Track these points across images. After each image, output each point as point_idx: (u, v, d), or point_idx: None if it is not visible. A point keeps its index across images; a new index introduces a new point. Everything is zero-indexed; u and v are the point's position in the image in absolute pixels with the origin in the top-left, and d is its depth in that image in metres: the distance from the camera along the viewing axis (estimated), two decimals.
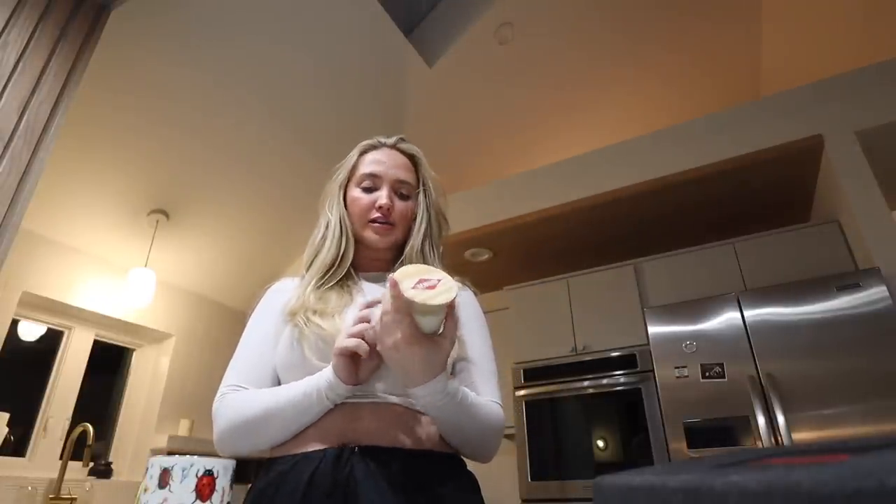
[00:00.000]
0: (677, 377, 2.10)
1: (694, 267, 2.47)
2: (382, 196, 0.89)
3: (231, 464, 0.51)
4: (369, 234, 0.89)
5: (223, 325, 3.24)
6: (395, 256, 0.92)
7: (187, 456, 0.49)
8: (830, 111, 2.25)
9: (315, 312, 0.80)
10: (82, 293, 2.55)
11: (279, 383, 0.80)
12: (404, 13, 2.73)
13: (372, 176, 0.91)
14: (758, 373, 1.96)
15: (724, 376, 2.02)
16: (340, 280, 0.88)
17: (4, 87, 1.50)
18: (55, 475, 2.25)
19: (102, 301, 2.62)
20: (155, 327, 2.86)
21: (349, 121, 2.82)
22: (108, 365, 2.84)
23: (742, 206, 2.66)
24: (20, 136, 1.50)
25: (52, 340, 2.56)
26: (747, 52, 3.61)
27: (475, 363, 0.83)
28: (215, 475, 0.49)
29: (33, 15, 1.62)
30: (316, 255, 0.90)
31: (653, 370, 2.20)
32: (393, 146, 0.96)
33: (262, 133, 2.69)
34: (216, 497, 0.49)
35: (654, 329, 2.23)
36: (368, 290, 0.88)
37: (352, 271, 0.90)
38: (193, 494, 0.47)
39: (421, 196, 0.93)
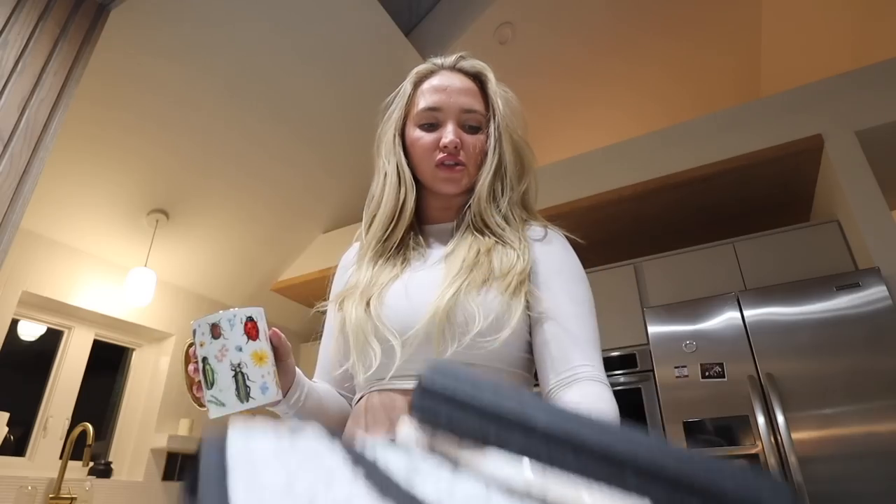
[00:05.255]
0: (677, 377, 2.09)
1: (694, 267, 2.46)
2: (448, 133, 0.75)
3: (260, 311, 0.57)
4: (439, 183, 0.76)
5: None
6: (465, 201, 0.79)
7: (221, 311, 0.54)
8: (830, 111, 2.24)
9: (355, 294, 0.72)
10: (82, 293, 2.55)
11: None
12: (404, 13, 2.73)
13: (432, 110, 0.77)
14: (757, 372, 1.95)
15: (724, 376, 2.02)
16: (402, 238, 0.78)
17: (4, 86, 1.50)
18: (55, 475, 2.25)
19: (102, 301, 2.62)
20: (155, 327, 2.86)
21: (349, 120, 2.82)
22: (108, 365, 2.84)
23: (742, 205, 2.66)
24: (20, 136, 1.50)
25: (51, 340, 2.56)
26: (747, 51, 3.61)
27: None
28: (256, 320, 0.55)
29: (33, 14, 1.62)
30: (374, 216, 0.79)
31: (653, 370, 2.19)
32: (453, 67, 0.81)
33: (262, 133, 2.69)
34: (262, 336, 0.55)
35: (653, 329, 2.23)
36: (434, 253, 0.77)
37: (415, 224, 0.80)
38: (245, 336, 0.53)
39: (491, 124, 0.78)
